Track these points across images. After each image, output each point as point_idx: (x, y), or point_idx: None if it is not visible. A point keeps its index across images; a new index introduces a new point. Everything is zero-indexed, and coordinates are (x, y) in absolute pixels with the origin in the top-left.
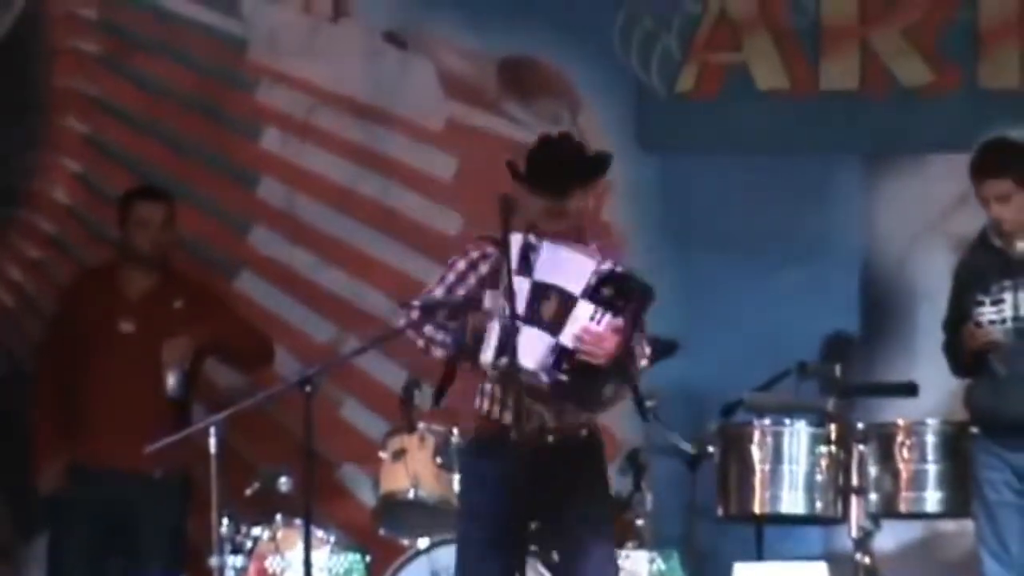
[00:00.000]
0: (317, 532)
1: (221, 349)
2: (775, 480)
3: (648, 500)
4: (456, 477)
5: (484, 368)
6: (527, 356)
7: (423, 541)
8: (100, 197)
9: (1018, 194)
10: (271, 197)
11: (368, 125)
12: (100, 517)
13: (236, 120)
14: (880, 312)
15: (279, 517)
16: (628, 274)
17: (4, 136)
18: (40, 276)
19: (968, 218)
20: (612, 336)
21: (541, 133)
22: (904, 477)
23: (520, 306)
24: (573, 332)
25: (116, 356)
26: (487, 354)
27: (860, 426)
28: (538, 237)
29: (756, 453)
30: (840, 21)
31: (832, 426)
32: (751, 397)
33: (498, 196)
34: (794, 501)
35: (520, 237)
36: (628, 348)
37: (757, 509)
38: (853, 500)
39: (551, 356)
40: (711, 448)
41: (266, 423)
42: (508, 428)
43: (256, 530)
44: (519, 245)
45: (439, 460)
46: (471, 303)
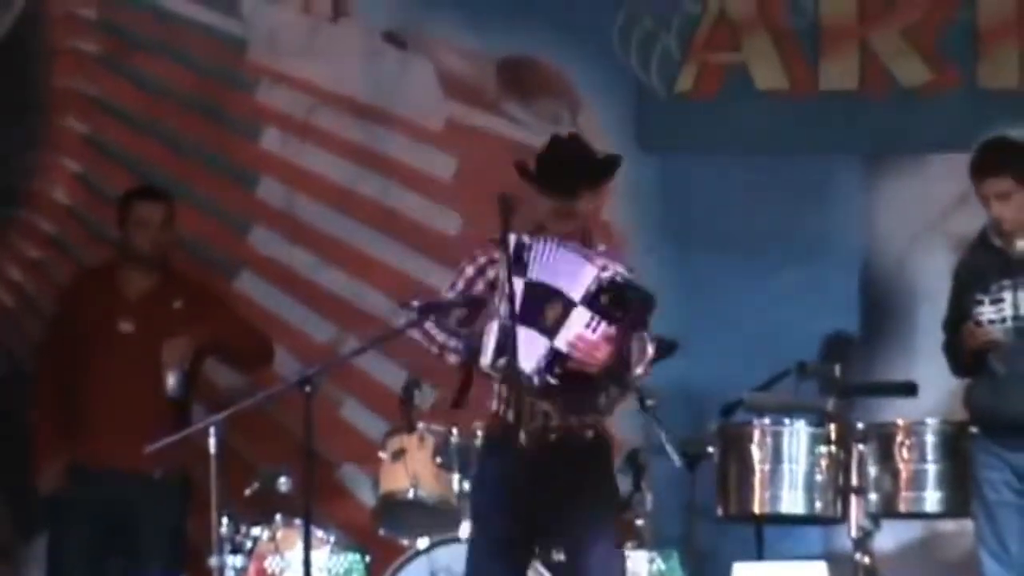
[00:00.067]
0: (317, 532)
1: (221, 349)
2: (775, 480)
3: (648, 500)
4: (455, 477)
5: (484, 370)
6: (525, 357)
7: (423, 541)
8: (100, 197)
9: (1018, 193)
10: (271, 197)
11: (368, 125)
12: (100, 517)
13: (236, 120)
14: (880, 312)
15: (279, 517)
16: (628, 283)
17: (4, 136)
18: (40, 276)
19: (968, 218)
20: (605, 345)
21: (552, 134)
22: (904, 477)
23: (516, 306)
24: (568, 337)
25: (116, 356)
26: (486, 356)
27: (860, 426)
28: (532, 236)
29: (756, 453)
30: (839, 21)
31: (832, 426)
32: (751, 397)
33: (497, 196)
34: (794, 501)
35: (513, 237)
36: (622, 357)
37: (757, 509)
38: (853, 500)
39: (544, 360)
40: (711, 448)
41: (266, 423)
42: (514, 427)
43: (256, 530)
44: (512, 246)
45: (439, 460)
46: (471, 304)
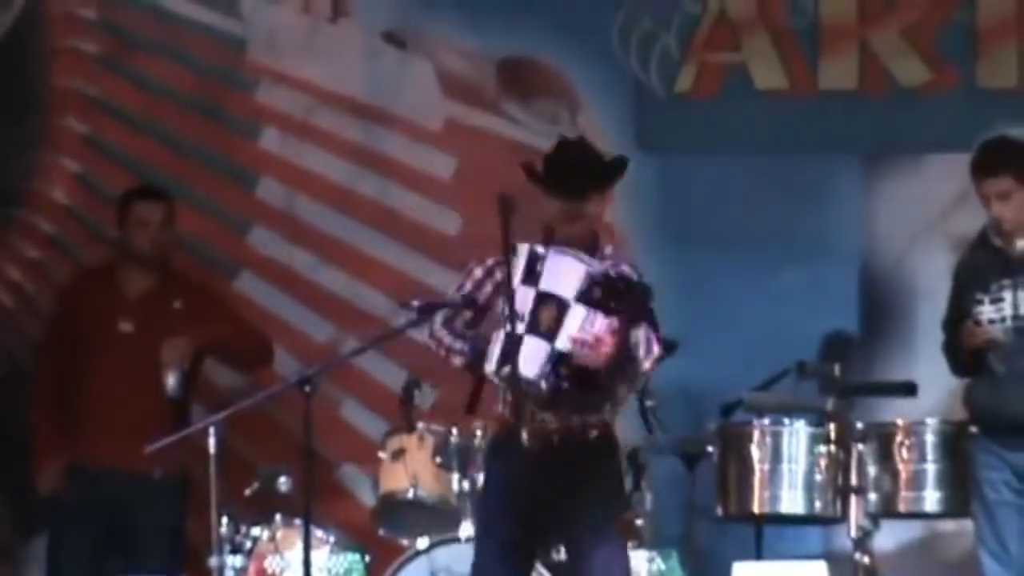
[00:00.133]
0: (317, 532)
1: (220, 349)
2: (774, 480)
3: (648, 500)
4: (455, 477)
5: (489, 377)
6: (527, 365)
7: (422, 541)
8: (100, 197)
9: (1018, 192)
10: (270, 197)
11: (367, 125)
12: (100, 517)
13: (236, 120)
14: (879, 312)
15: (279, 517)
16: (619, 274)
17: (4, 136)
18: (40, 276)
19: (968, 218)
20: (607, 337)
21: (559, 136)
22: (903, 477)
23: (525, 316)
24: (567, 337)
25: (115, 356)
26: (491, 363)
27: (859, 426)
28: (546, 246)
29: (755, 453)
30: (839, 21)
31: (831, 426)
32: (750, 397)
33: (497, 196)
34: (793, 501)
35: (527, 247)
36: (627, 348)
37: (756, 509)
38: (852, 500)
39: (549, 363)
40: (710, 448)
41: (266, 423)
42: (517, 429)
43: (255, 530)
44: (526, 255)
45: (438, 460)
46: (471, 306)
